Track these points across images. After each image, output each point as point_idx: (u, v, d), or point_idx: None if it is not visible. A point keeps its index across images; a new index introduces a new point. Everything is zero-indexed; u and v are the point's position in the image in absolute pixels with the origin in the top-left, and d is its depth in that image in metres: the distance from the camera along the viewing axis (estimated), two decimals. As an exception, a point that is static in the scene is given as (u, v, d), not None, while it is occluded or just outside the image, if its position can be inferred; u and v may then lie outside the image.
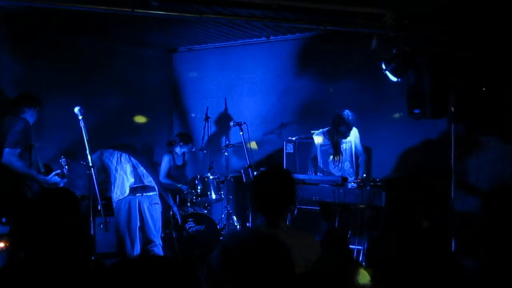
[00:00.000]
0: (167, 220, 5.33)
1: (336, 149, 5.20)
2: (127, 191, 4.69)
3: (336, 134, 5.15)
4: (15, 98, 4.39)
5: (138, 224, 4.72)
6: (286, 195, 2.35)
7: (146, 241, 4.79)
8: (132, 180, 4.72)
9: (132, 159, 4.80)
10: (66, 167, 4.30)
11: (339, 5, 4.18)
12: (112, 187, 4.72)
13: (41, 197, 2.51)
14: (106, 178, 4.78)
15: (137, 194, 4.73)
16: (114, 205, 4.73)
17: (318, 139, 5.34)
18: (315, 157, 5.37)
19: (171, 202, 4.94)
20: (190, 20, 5.15)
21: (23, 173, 4.08)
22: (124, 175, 4.72)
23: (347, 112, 5.03)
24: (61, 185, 4.29)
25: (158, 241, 4.83)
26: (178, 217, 5.16)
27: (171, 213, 5.29)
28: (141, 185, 4.76)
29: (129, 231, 4.66)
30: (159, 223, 4.88)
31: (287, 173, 2.45)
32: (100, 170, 4.68)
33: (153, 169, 4.96)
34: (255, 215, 5.86)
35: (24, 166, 4.10)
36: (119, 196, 4.69)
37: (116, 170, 4.72)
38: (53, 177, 4.25)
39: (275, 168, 2.64)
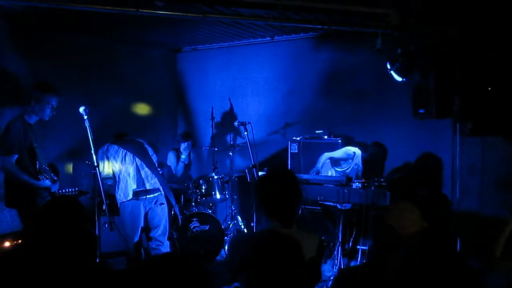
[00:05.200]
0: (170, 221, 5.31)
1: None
2: (130, 195, 4.65)
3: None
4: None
5: (142, 225, 4.71)
6: (296, 196, 2.34)
7: (152, 240, 4.80)
8: (134, 186, 4.66)
9: (137, 159, 4.71)
10: (52, 174, 4.21)
11: (343, 4, 4.17)
12: (117, 188, 4.69)
13: (49, 204, 2.54)
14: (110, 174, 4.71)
15: (141, 198, 4.70)
16: (118, 205, 4.71)
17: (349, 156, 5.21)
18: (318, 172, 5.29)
19: (174, 202, 4.89)
20: (194, 20, 5.15)
21: (18, 180, 3.98)
22: (128, 177, 4.66)
23: None
24: (54, 189, 4.19)
25: (165, 240, 4.82)
26: (179, 218, 5.13)
27: (172, 213, 5.29)
28: (143, 189, 4.71)
29: (131, 232, 4.64)
30: (165, 223, 4.86)
31: (293, 174, 2.45)
32: (103, 165, 4.61)
33: (157, 169, 4.88)
34: (259, 216, 5.84)
35: (19, 172, 3.98)
36: (123, 198, 4.66)
37: (120, 171, 4.66)
38: (44, 181, 4.13)
39: (281, 170, 2.64)
